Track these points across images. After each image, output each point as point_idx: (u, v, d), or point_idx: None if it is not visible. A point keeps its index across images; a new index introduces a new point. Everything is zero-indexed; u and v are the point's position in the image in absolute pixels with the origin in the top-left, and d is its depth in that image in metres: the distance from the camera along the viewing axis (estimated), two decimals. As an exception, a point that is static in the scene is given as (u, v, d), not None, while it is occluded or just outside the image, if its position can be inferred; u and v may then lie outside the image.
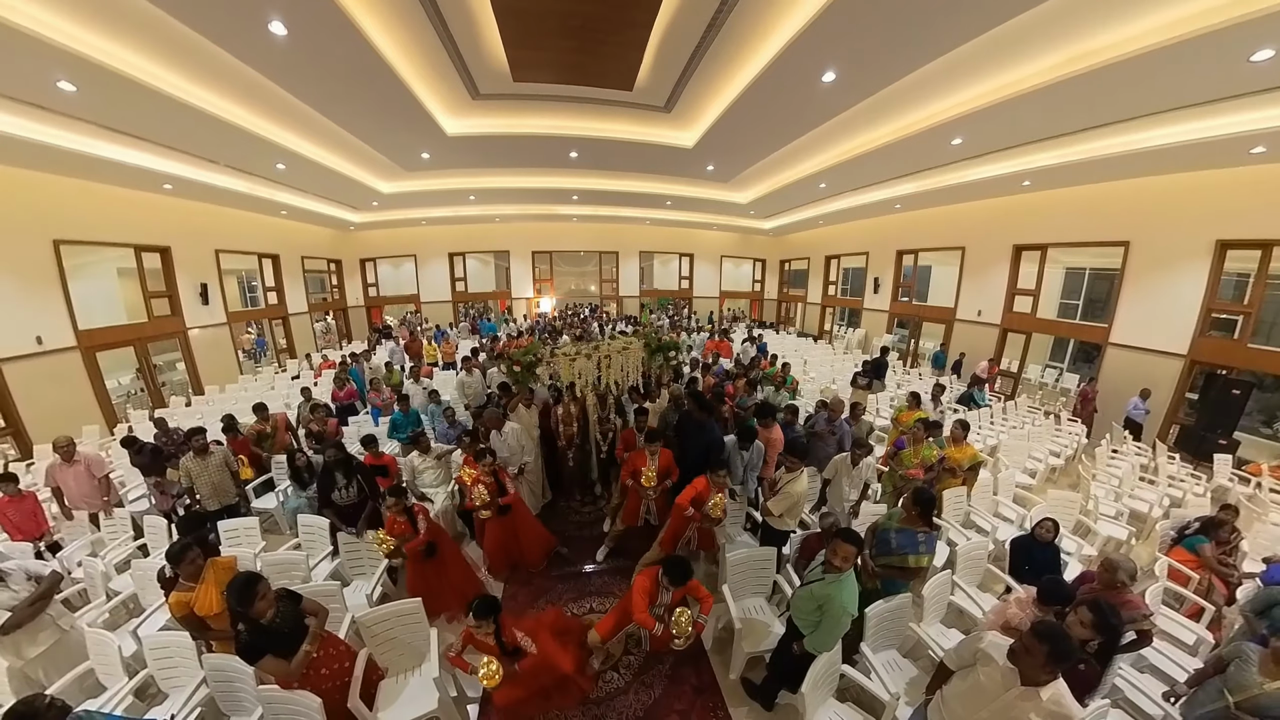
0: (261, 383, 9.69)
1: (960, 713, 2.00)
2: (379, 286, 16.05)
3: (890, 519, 3.03)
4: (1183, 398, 7.53)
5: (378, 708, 2.61)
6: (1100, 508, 4.65)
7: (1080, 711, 1.81)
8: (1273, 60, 4.05)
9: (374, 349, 11.98)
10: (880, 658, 2.80)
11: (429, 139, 7.18)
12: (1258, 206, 6.46)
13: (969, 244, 10.73)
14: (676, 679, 3.21)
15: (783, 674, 2.81)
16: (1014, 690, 1.80)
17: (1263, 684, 2.23)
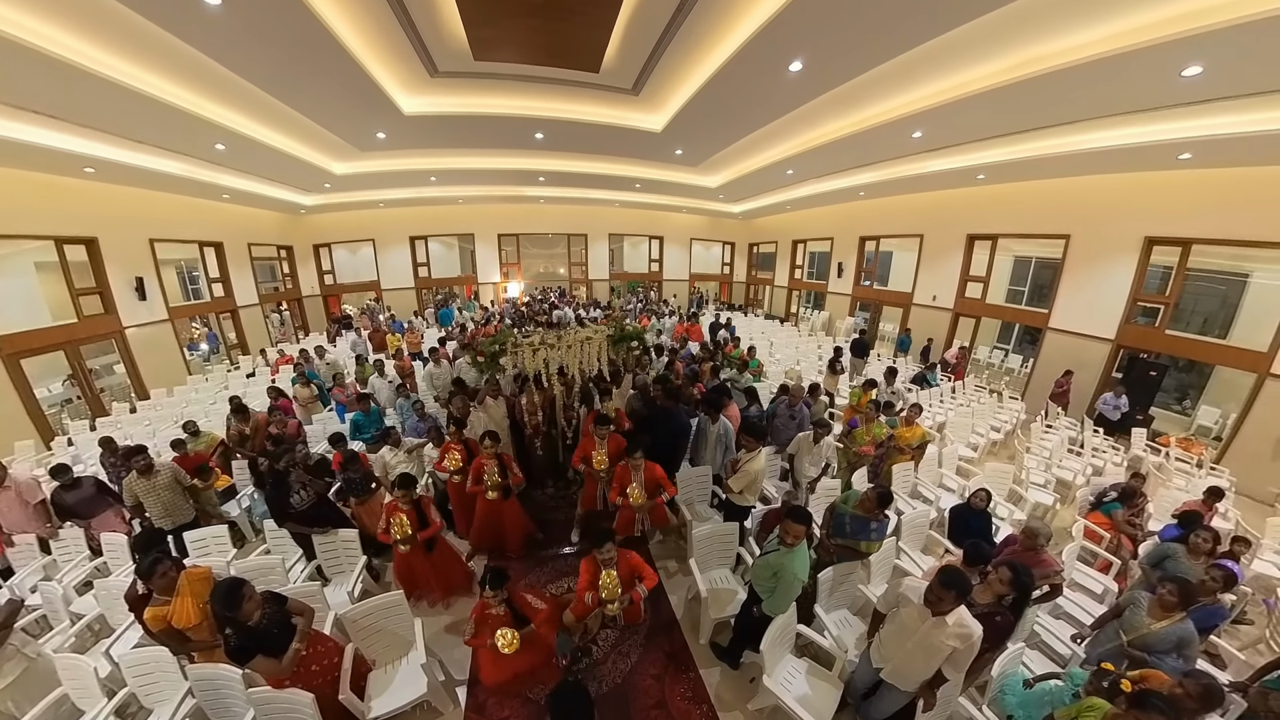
0: (214, 383, 9.14)
1: (892, 647, 2.35)
2: (335, 274, 15.18)
3: (846, 503, 3.30)
4: (1110, 378, 8.30)
5: (369, 698, 2.72)
6: (1031, 477, 5.18)
7: (979, 627, 2.14)
8: (1201, 76, 4.48)
9: (333, 340, 11.61)
10: (833, 617, 3.12)
11: (384, 118, 6.81)
12: (1182, 208, 7.16)
13: (927, 232, 11.28)
14: (651, 647, 3.45)
15: (746, 635, 3.08)
16: (928, 621, 2.16)
17: (1150, 625, 2.63)
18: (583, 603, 2.90)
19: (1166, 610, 2.59)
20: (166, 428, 6.60)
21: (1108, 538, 3.99)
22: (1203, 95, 4.98)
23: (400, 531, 3.36)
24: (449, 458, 4.09)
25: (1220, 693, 2.07)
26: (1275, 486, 6.54)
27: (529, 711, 3.00)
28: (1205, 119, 5.47)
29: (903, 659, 2.32)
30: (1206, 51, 4.05)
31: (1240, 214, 6.69)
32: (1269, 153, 5.86)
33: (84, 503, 4.13)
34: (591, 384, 5.49)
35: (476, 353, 5.21)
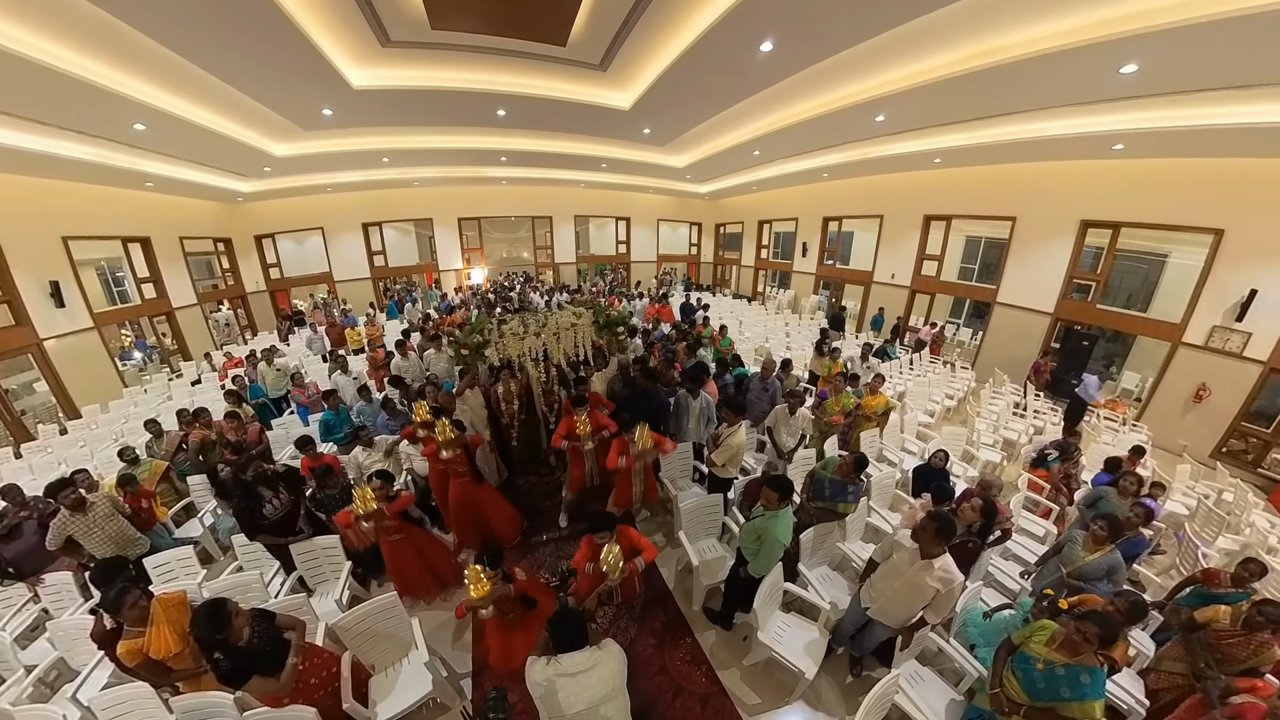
0: (155, 394, 8.35)
1: (882, 587, 2.64)
2: (282, 266, 14.09)
3: (825, 469, 3.57)
4: (1049, 347, 9.09)
5: (373, 703, 2.70)
6: (981, 438, 5.69)
7: (960, 575, 2.43)
8: (1137, 74, 4.91)
9: (286, 339, 10.87)
10: (815, 573, 3.39)
11: (331, 92, 6.26)
12: (1113, 193, 7.88)
13: (887, 213, 11.80)
14: (648, 619, 3.63)
15: (736, 597, 3.31)
16: (917, 564, 2.42)
17: (1085, 557, 3.03)
18: (584, 575, 3.01)
19: (1099, 544, 2.99)
20: (105, 447, 6.11)
21: (1048, 488, 4.47)
22: (1137, 91, 5.45)
23: (364, 506, 3.22)
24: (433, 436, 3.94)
25: (1145, 607, 2.44)
26: (1183, 439, 7.44)
27: None
28: (1138, 113, 6.01)
29: (890, 598, 2.61)
30: (1143, 51, 4.44)
31: (1163, 201, 7.45)
32: (1191, 146, 6.54)
33: (27, 555, 3.55)
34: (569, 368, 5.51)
35: (460, 345, 5.07)
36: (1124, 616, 2.37)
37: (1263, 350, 6.83)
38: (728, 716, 2.97)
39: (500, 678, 3.12)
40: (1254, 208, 6.68)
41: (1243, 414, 7.16)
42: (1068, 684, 2.11)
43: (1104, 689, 2.12)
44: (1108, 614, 2.30)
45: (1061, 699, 2.11)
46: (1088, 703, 2.07)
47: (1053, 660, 2.15)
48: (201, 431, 4.89)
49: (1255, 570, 3.03)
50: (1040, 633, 2.26)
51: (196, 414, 5.17)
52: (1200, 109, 5.57)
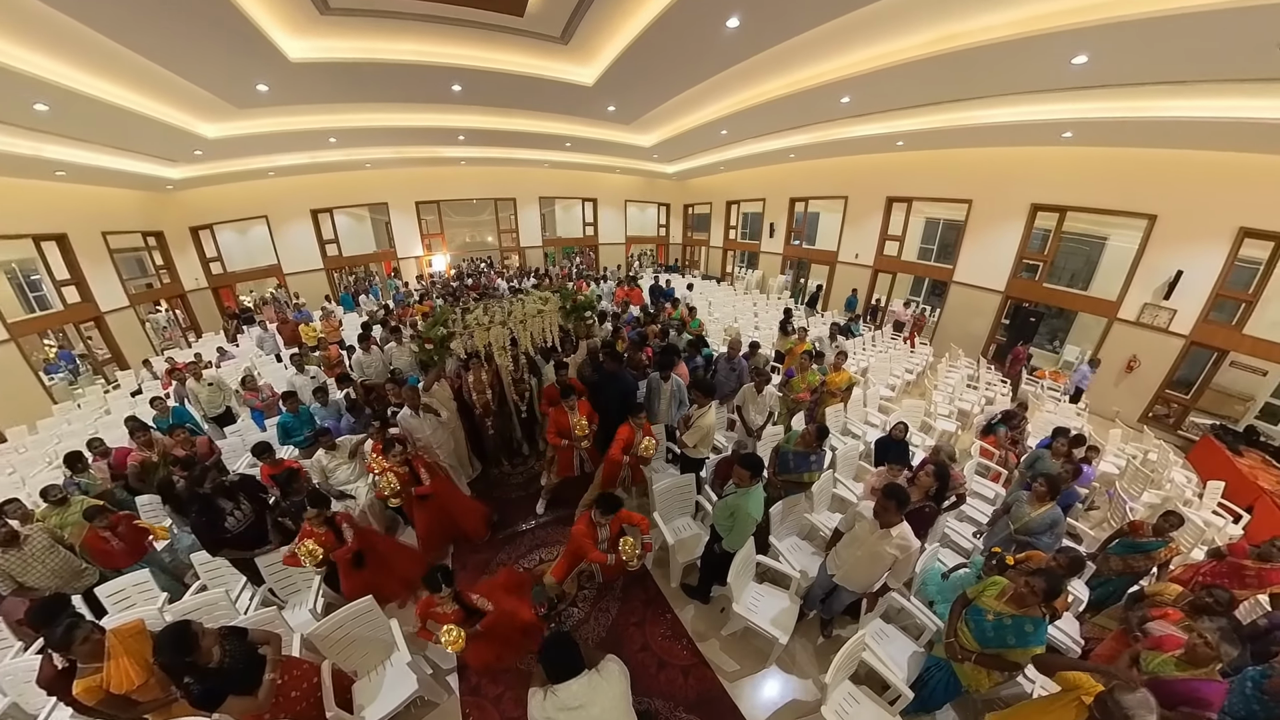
0: (90, 408, 7.64)
1: (845, 555, 2.83)
2: (224, 260, 12.97)
3: (789, 442, 3.73)
4: (999, 323, 9.66)
5: (358, 709, 2.67)
6: (938, 410, 6.05)
7: (917, 542, 2.63)
8: (1087, 65, 5.18)
9: (234, 339, 10.09)
10: (785, 544, 3.56)
11: (265, 66, 5.73)
12: (1062, 179, 8.39)
13: (851, 194, 12.11)
14: (628, 598, 3.73)
15: (712, 572, 3.46)
16: (876, 533, 2.59)
17: (1030, 514, 3.31)
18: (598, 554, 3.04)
19: (1041, 501, 3.29)
20: (38, 471, 5.66)
21: (998, 454, 4.83)
22: (1087, 82, 5.77)
23: (311, 559, 3.07)
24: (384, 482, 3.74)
25: (1082, 561, 2.72)
26: (1116, 406, 8.12)
27: (522, 683, 3.12)
28: (1086, 104, 6.35)
29: (853, 566, 2.80)
30: (1094, 43, 4.69)
31: (1105, 187, 7.99)
32: (1132, 136, 7.00)
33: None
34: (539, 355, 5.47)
35: (424, 340, 4.90)
36: (1065, 570, 2.63)
37: (1185, 325, 7.53)
38: (709, 685, 3.13)
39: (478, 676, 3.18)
40: (1183, 195, 7.27)
41: (1166, 382, 7.89)
42: (1014, 633, 2.33)
43: (1045, 637, 2.36)
44: (1053, 570, 2.54)
45: (1008, 646, 2.34)
46: (1030, 649, 2.30)
47: (1002, 612, 2.36)
48: (141, 453, 4.42)
49: (1174, 522, 3.41)
50: (992, 588, 2.47)
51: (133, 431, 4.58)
52: (1142, 101, 5.96)
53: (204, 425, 6.04)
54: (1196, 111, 5.75)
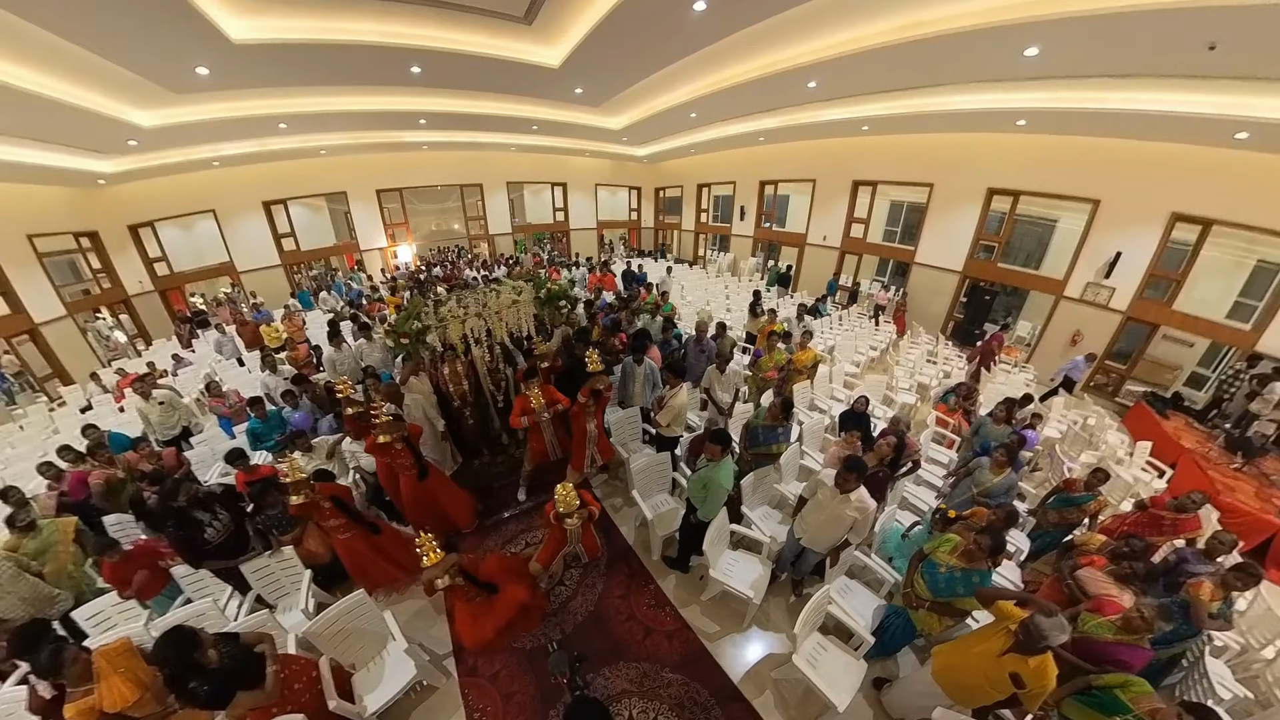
0: (34, 429, 7.15)
1: (809, 519, 3.12)
2: (170, 260, 12.02)
3: (758, 418, 4.00)
4: (957, 301, 10.22)
5: (359, 698, 2.75)
6: (899, 384, 6.46)
7: (873, 503, 2.91)
8: (1039, 57, 5.49)
9: (189, 345, 9.57)
10: (757, 513, 3.84)
11: (205, 48, 5.33)
12: (1015, 165, 8.90)
13: (819, 177, 12.44)
14: (612, 574, 3.96)
15: (689, 543, 3.70)
16: (836, 498, 2.87)
17: (991, 479, 3.67)
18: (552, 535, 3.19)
19: (1000, 467, 3.68)
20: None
21: (952, 423, 5.24)
22: (1039, 73, 6.10)
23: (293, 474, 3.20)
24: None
25: (1016, 514, 3.07)
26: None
27: (517, 661, 3.34)
28: (1038, 94, 6.73)
29: (817, 528, 3.08)
30: (1044, 37, 4.99)
31: (1055, 173, 8.52)
32: (1079, 125, 7.50)
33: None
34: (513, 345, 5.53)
35: (399, 335, 4.88)
36: (1002, 523, 2.97)
37: (1123, 302, 8.21)
38: (692, 646, 3.40)
39: (475, 657, 3.33)
40: (1123, 182, 7.86)
41: (1106, 354, 8.57)
42: (963, 584, 2.65)
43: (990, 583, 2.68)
44: (996, 528, 2.86)
45: (957, 595, 2.67)
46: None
47: (954, 566, 2.68)
48: (104, 470, 4.22)
49: (1101, 478, 3.84)
50: (945, 544, 2.78)
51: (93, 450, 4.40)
52: (1088, 93, 6.37)
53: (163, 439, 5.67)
54: (1136, 104, 6.20)
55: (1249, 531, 4.94)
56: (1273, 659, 3.30)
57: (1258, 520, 4.99)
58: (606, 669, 3.28)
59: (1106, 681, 2.29)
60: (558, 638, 3.38)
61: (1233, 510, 5.09)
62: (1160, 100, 6.05)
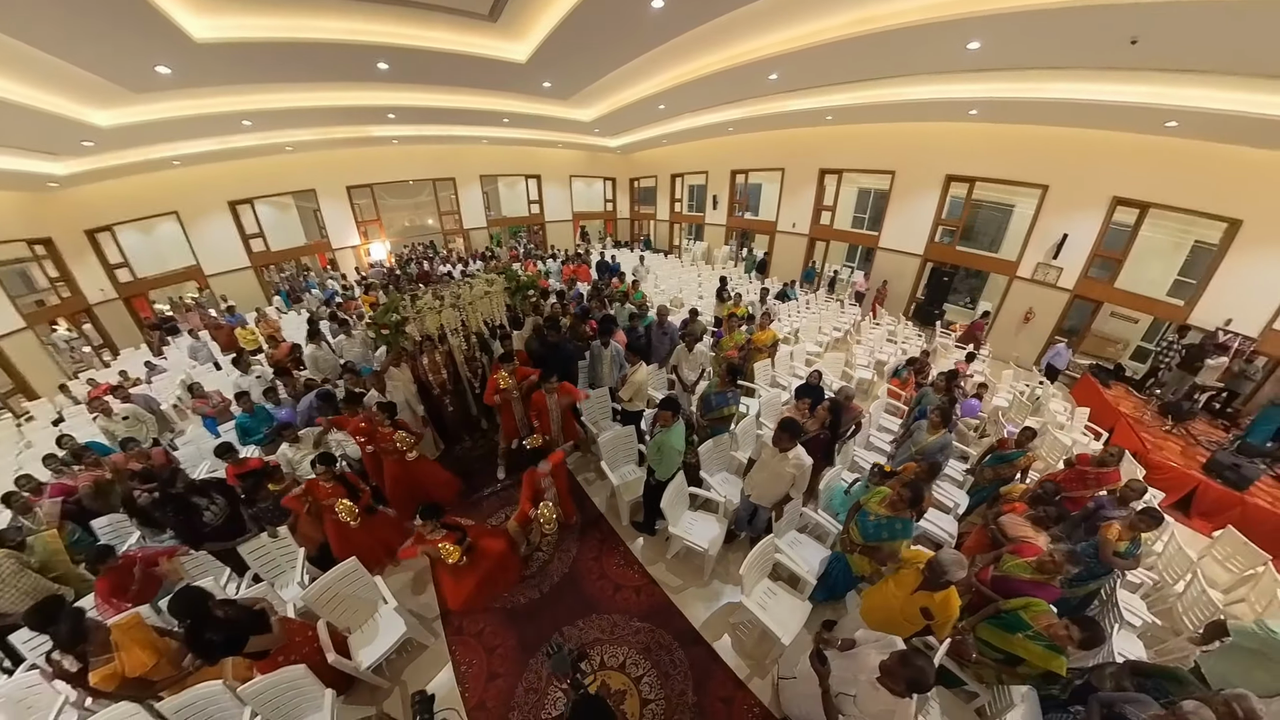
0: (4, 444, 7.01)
1: (756, 478, 3.50)
2: (132, 266, 11.56)
3: (711, 387, 4.42)
4: (919, 284, 10.74)
5: (355, 655, 3.02)
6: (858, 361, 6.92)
7: (809, 460, 3.27)
8: (981, 50, 5.89)
9: (160, 352, 9.50)
10: (716, 478, 4.19)
11: (166, 47, 5.27)
12: (971, 153, 9.41)
13: (787, 166, 12.82)
14: (586, 540, 4.32)
15: (653, 507, 4.01)
16: (776, 456, 3.24)
17: (927, 439, 4.08)
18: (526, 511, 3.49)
19: (935, 428, 4.08)
20: None
21: (904, 394, 5.67)
22: (983, 65, 6.54)
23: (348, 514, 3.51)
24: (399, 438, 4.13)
25: (938, 468, 3.47)
26: (1015, 352, 9.37)
27: (500, 619, 3.64)
28: (987, 84, 7.17)
29: (761, 484, 3.47)
30: (983, 31, 5.38)
31: (1007, 160, 9.05)
32: (1027, 114, 7.97)
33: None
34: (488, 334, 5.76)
35: (379, 327, 5.07)
36: (924, 476, 3.37)
37: (1070, 281, 8.79)
38: (658, 599, 3.76)
39: (460, 618, 3.61)
40: (1069, 168, 8.41)
41: (1056, 330, 9.16)
42: (888, 529, 3.03)
43: (911, 531, 3.08)
44: (917, 482, 3.23)
45: (883, 539, 3.04)
46: (898, 541, 3.01)
47: (881, 514, 3.06)
48: (92, 472, 4.29)
49: (1029, 435, 4.30)
50: (876, 496, 3.15)
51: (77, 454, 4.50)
52: (1030, 84, 6.81)
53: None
54: (1074, 94, 6.65)
55: (1174, 485, 5.51)
56: (1183, 592, 3.77)
57: (1182, 475, 5.53)
58: (581, 621, 3.62)
59: (1012, 605, 2.70)
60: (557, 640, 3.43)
61: (1160, 467, 5.64)
62: (1095, 90, 6.50)
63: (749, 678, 3.23)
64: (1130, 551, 3.26)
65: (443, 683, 3.27)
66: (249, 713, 2.52)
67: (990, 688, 2.83)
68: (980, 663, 2.75)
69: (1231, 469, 5.28)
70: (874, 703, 1.98)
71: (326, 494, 3.61)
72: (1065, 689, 2.72)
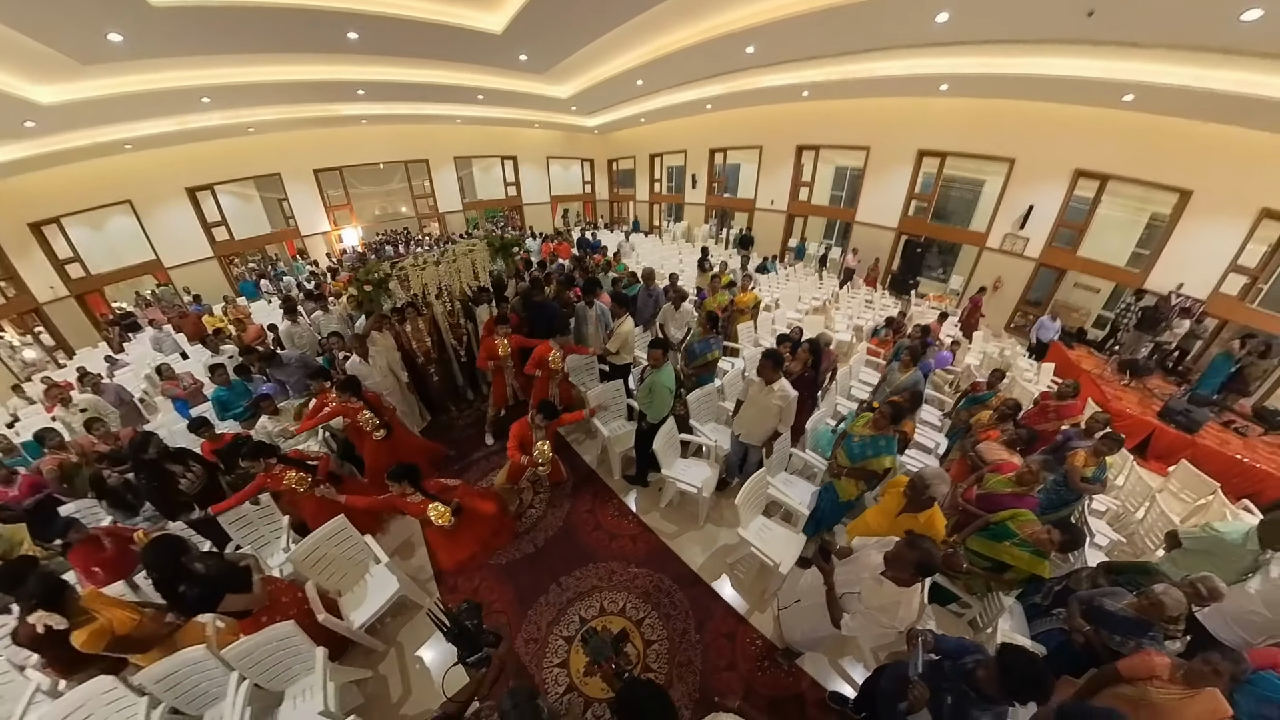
0: None
1: (745, 415, 3.64)
2: (84, 261, 10.79)
3: (693, 338, 4.59)
4: (894, 255, 11.08)
5: (346, 616, 2.94)
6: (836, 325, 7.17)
7: (794, 391, 3.43)
8: (949, 23, 6.07)
9: (120, 348, 8.98)
10: (706, 427, 4.30)
11: (119, 12, 4.94)
12: (942, 128, 9.71)
13: (765, 143, 12.99)
14: (579, 495, 4.37)
15: (645, 458, 4.12)
16: (763, 390, 3.38)
17: (899, 377, 4.29)
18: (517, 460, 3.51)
19: (906, 368, 4.31)
20: None
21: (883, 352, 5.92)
22: (952, 38, 6.70)
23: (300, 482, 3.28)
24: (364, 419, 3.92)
25: (920, 397, 3.64)
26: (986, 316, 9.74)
27: (495, 575, 3.66)
28: (956, 59, 7.38)
29: (750, 420, 3.61)
30: (951, 3, 5.55)
31: (976, 134, 9.40)
32: (995, 89, 8.22)
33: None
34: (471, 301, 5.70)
35: (364, 283, 4.97)
36: (908, 403, 3.54)
37: (1035, 250, 9.20)
38: (654, 545, 3.86)
39: (453, 577, 3.62)
40: (1034, 142, 8.77)
41: (1023, 298, 9.59)
42: (871, 448, 3.18)
43: (894, 449, 3.22)
44: (897, 403, 3.40)
45: (868, 458, 3.18)
46: (882, 457, 3.15)
47: (864, 434, 3.20)
48: (57, 456, 4.11)
49: (999, 375, 4.57)
50: (861, 420, 3.31)
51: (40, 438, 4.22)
52: (997, 59, 7.05)
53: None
54: (1039, 69, 6.90)
55: (1132, 431, 5.93)
56: (1143, 518, 4.09)
57: (1139, 421, 5.97)
58: (578, 570, 3.68)
59: (1000, 517, 2.89)
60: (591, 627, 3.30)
61: (1120, 415, 6.04)
62: (1058, 65, 6.76)
63: (749, 613, 3.36)
64: (1097, 476, 3.50)
65: (439, 640, 3.19)
66: (236, 678, 2.40)
67: (980, 598, 3.03)
68: (971, 573, 2.93)
69: (1183, 414, 5.69)
70: (879, 596, 2.06)
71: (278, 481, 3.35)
72: (1047, 595, 2.94)
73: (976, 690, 1.72)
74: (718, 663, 3.08)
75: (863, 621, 2.08)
